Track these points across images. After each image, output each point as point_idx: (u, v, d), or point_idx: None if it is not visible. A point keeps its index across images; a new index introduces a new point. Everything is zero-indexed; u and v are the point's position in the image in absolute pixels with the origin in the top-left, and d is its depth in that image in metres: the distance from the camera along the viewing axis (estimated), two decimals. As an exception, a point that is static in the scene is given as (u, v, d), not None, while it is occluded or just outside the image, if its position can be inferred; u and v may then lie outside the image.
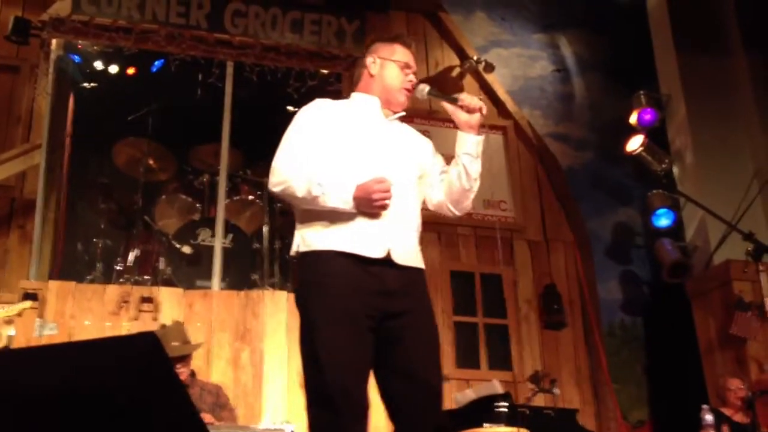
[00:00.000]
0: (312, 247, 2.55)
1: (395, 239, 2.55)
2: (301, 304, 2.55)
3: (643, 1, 7.73)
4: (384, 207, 2.50)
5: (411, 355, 2.50)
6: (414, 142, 2.82)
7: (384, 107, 2.77)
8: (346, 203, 2.49)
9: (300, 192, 2.53)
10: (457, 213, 2.78)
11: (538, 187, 7.11)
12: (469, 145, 2.69)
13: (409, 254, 2.59)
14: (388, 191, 2.49)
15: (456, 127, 2.75)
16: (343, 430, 2.39)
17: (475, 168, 2.69)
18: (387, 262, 2.52)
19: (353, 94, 2.84)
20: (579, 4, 7.99)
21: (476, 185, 2.72)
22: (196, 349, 4.70)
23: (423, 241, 2.73)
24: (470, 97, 2.71)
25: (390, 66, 2.77)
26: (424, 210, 2.76)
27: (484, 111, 2.69)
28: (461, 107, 2.69)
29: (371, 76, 2.79)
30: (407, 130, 2.85)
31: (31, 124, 6.02)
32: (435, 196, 2.77)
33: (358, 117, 2.72)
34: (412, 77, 2.79)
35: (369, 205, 2.49)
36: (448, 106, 2.74)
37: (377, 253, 2.51)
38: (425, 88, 2.78)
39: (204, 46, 6.13)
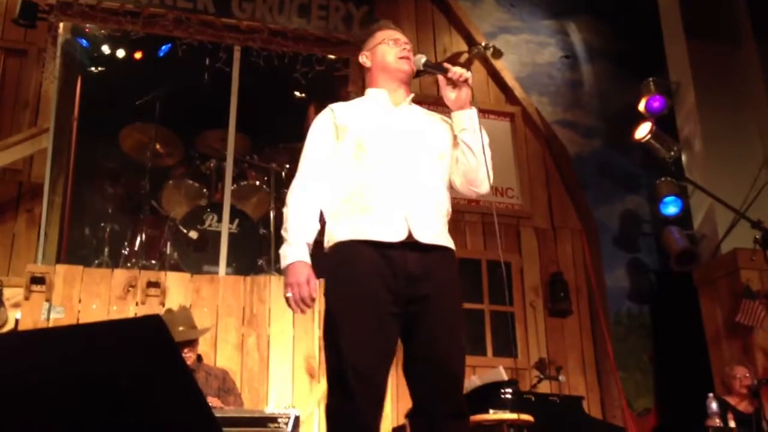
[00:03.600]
0: (336, 239, 2.60)
1: (416, 220, 2.56)
2: (326, 293, 2.59)
3: (653, -13, 7.68)
4: (289, 304, 2.54)
5: (431, 340, 2.52)
6: (430, 123, 2.83)
7: (394, 92, 2.80)
8: (283, 259, 2.57)
9: (283, 225, 2.64)
10: (480, 192, 2.78)
11: (545, 175, 7.09)
12: (464, 120, 2.70)
13: (433, 232, 2.59)
14: (303, 303, 2.50)
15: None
16: (357, 415, 2.41)
17: (478, 142, 2.69)
18: (409, 245, 2.53)
19: (366, 92, 2.90)
20: (588, -9, 7.95)
21: (485, 158, 2.71)
22: (204, 334, 4.72)
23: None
24: (458, 68, 2.71)
25: (379, 48, 2.83)
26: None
27: (470, 81, 2.69)
28: (449, 79, 2.69)
29: (369, 69, 2.86)
30: (421, 112, 2.86)
31: (39, 108, 6.02)
32: (456, 181, 2.78)
33: (368, 111, 2.77)
34: (405, 46, 2.82)
35: (286, 288, 2.53)
36: (441, 85, 2.73)
37: (397, 237, 2.53)
38: (422, 58, 2.80)
39: (211, 31, 6.11)
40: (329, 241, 2.64)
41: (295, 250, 2.55)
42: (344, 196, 2.63)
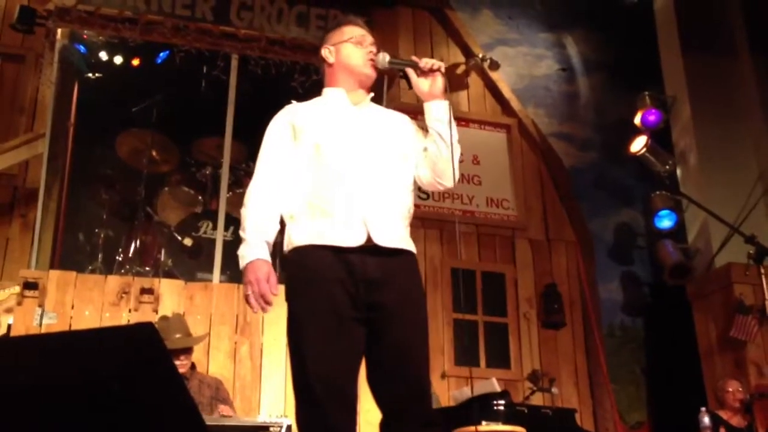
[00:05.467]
0: (295, 244, 2.55)
1: (375, 223, 2.51)
2: (286, 300, 2.55)
3: (649, 1, 7.72)
4: (249, 303, 2.49)
5: (394, 349, 2.47)
6: (389, 123, 2.76)
7: (352, 92, 2.74)
8: (242, 259, 2.52)
9: (241, 225, 2.59)
10: (447, 185, 2.70)
11: (540, 186, 7.10)
12: (436, 111, 2.64)
13: (392, 236, 2.54)
14: (263, 299, 2.46)
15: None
16: (326, 422, 2.36)
17: (449, 133, 2.62)
18: (368, 249, 2.49)
19: (323, 90, 2.82)
20: (585, 4, 7.98)
21: (457, 151, 2.65)
22: (200, 341, 4.73)
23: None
24: (429, 59, 2.66)
25: (344, 46, 2.75)
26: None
27: (443, 69, 2.64)
28: (421, 70, 2.64)
29: (331, 65, 2.78)
30: (381, 112, 2.80)
31: (35, 113, 6.02)
32: (423, 174, 2.72)
33: (325, 113, 2.70)
34: (371, 48, 2.74)
35: (246, 287, 2.49)
36: (412, 77, 2.67)
37: (356, 241, 2.48)
38: (386, 57, 2.72)
39: (209, 39, 6.12)
40: (288, 245, 2.58)
41: (253, 249, 2.50)
42: (302, 199, 2.58)
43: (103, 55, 6.43)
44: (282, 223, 2.64)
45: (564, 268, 6.86)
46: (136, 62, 6.54)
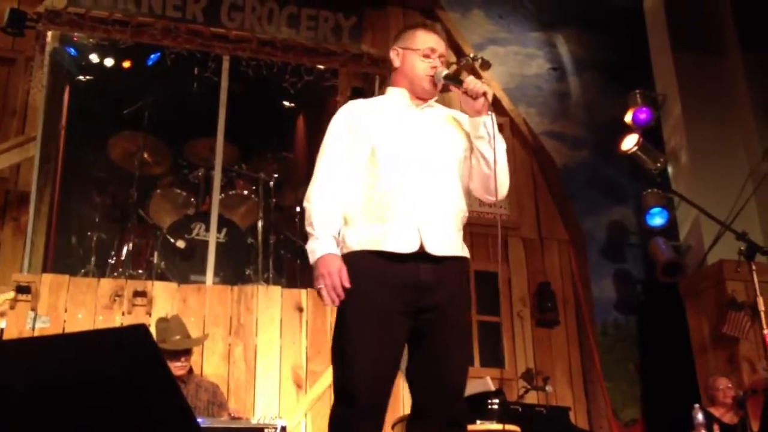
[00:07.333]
0: (349, 248, 2.57)
1: (429, 230, 2.53)
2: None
3: (639, 0, 7.74)
4: (321, 296, 2.49)
5: (438, 350, 2.52)
6: (450, 124, 2.76)
7: (413, 98, 2.75)
8: (312, 254, 2.52)
9: (307, 220, 2.60)
10: (493, 199, 2.69)
11: (533, 185, 7.11)
12: (479, 127, 2.63)
13: (445, 244, 2.56)
14: (335, 291, 2.46)
15: None
16: (357, 428, 2.42)
17: (491, 151, 2.61)
18: (421, 255, 2.51)
19: (387, 89, 2.85)
20: (576, 3, 8.00)
21: (499, 166, 2.62)
22: (200, 343, 4.73)
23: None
24: (474, 81, 2.62)
25: (410, 55, 2.76)
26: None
27: (489, 96, 2.62)
28: (465, 92, 2.63)
29: (395, 68, 2.80)
30: (442, 113, 2.80)
31: (26, 116, 5.99)
32: (473, 186, 2.73)
33: (387, 112, 2.72)
34: (436, 62, 2.74)
35: (318, 280, 2.49)
36: (459, 92, 2.66)
37: (409, 248, 2.51)
38: (442, 71, 2.72)
39: (200, 40, 6.11)
40: (344, 248, 2.59)
41: (323, 244, 2.52)
42: (358, 201, 2.60)
43: (94, 58, 6.42)
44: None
45: (557, 267, 6.88)
46: (127, 64, 6.53)
